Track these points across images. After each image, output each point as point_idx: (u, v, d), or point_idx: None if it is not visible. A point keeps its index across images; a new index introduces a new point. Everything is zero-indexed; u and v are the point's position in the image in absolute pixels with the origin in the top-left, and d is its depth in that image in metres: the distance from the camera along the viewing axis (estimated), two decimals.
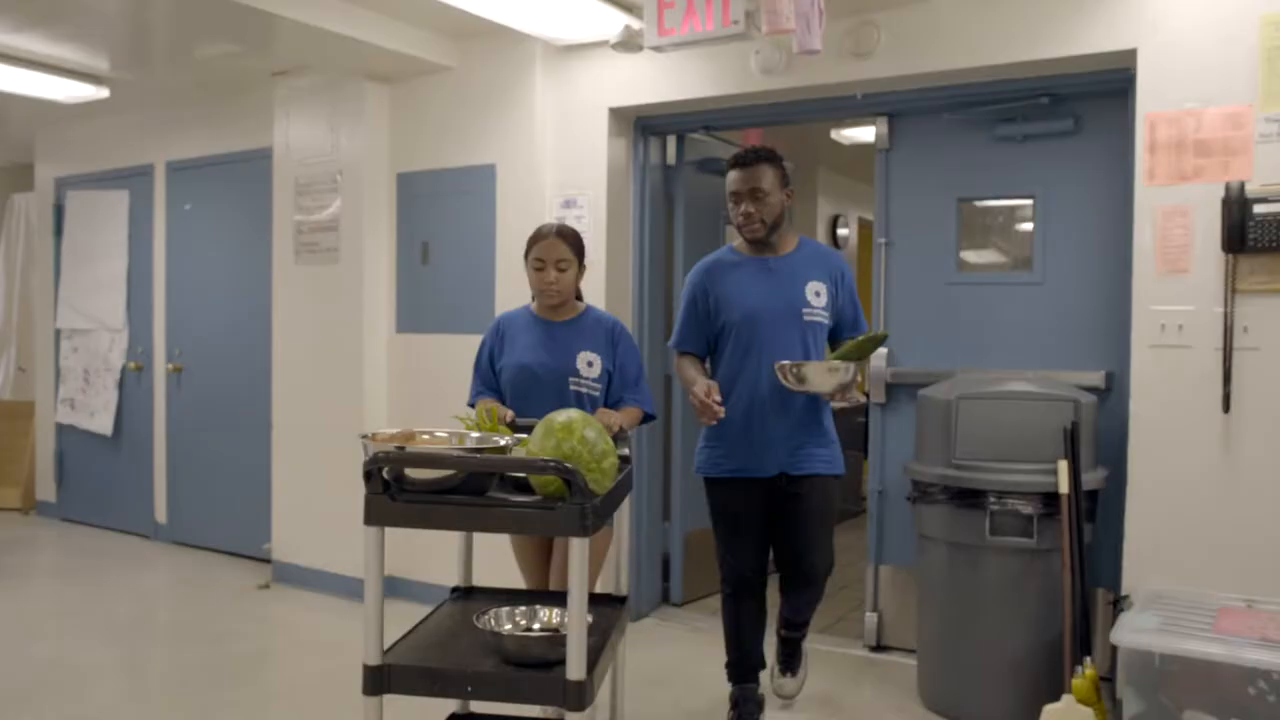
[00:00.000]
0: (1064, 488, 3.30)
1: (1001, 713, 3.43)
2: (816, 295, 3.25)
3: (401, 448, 2.18)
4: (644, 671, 3.93)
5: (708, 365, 3.41)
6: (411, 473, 2.09)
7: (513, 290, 4.41)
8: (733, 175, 3.25)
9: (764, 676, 3.52)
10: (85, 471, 6.78)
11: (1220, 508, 3.30)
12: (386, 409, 4.98)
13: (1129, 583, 3.43)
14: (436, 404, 4.52)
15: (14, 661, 4.17)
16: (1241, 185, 3.18)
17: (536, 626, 2.38)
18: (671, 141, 4.76)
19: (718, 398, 3.08)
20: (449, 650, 2.27)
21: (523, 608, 2.41)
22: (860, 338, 3.16)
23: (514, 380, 3.25)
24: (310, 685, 3.91)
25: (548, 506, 2.05)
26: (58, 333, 6.91)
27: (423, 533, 2.25)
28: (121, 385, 6.50)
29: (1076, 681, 3.19)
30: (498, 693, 2.12)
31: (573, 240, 3.27)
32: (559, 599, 2.44)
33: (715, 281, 3.32)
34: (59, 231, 6.91)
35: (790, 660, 3.62)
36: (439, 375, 4.74)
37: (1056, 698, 3.18)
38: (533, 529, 2.21)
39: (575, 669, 2.00)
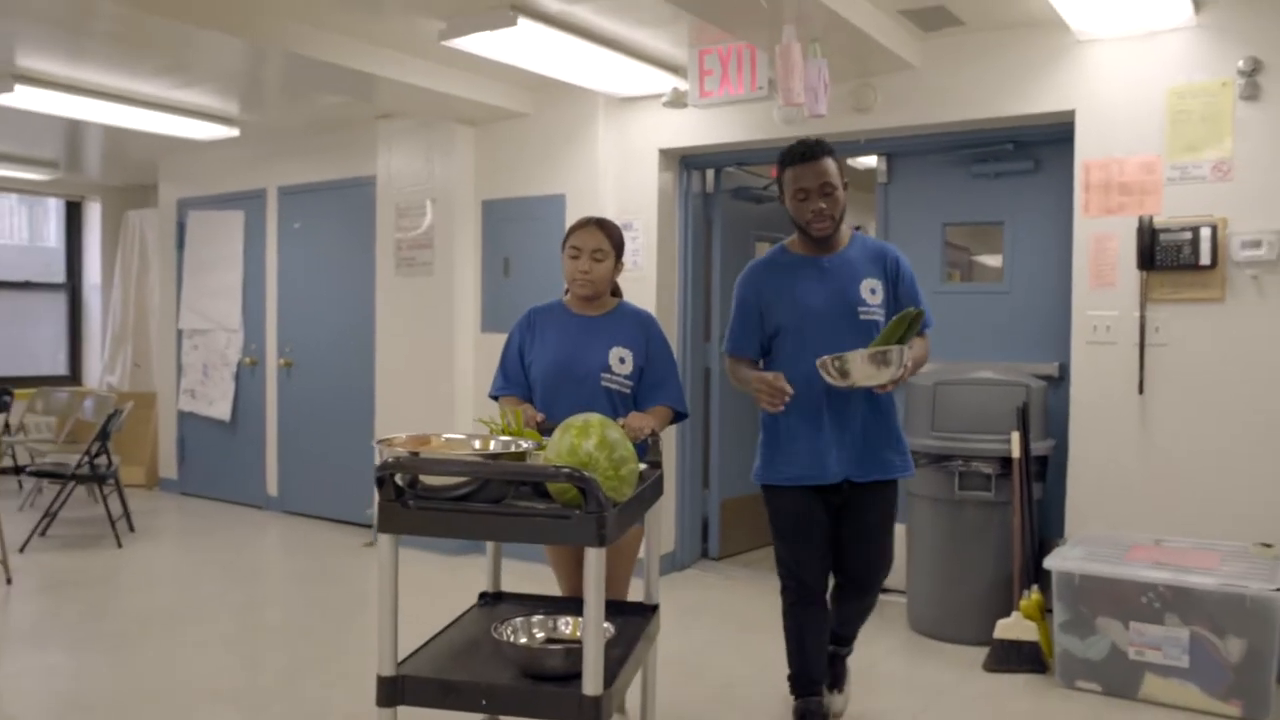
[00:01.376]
0: (1015, 453, 4.23)
1: (970, 630, 4.37)
2: (872, 293, 3.13)
3: (415, 453, 2.09)
4: (685, 607, 4.95)
5: (761, 366, 3.29)
6: (427, 479, 2.03)
7: None
8: (796, 171, 3.07)
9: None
10: (204, 451, 7.88)
11: (1138, 467, 4.22)
12: (474, 395, 5.99)
13: (1070, 530, 4.37)
14: None
15: (148, 598, 5.24)
16: (1151, 218, 4.10)
17: (558, 637, 2.28)
18: (710, 174, 5.76)
19: (785, 385, 2.98)
20: (467, 661, 2.19)
21: (545, 617, 2.32)
22: (893, 320, 2.97)
23: (544, 375, 3.17)
24: (410, 617, 4.92)
25: (563, 515, 1.97)
26: (180, 333, 8.01)
27: None
28: (238, 378, 7.59)
29: (1024, 603, 4.14)
30: (513, 707, 2.04)
31: (611, 232, 3.18)
32: None
33: (767, 283, 3.21)
34: (181, 245, 8.01)
35: (838, 678, 3.51)
36: None
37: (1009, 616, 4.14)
38: (548, 538, 2.08)
39: (591, 684, 1.92)
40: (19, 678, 4.01)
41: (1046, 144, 4.68)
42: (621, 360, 3.12)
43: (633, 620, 2.42)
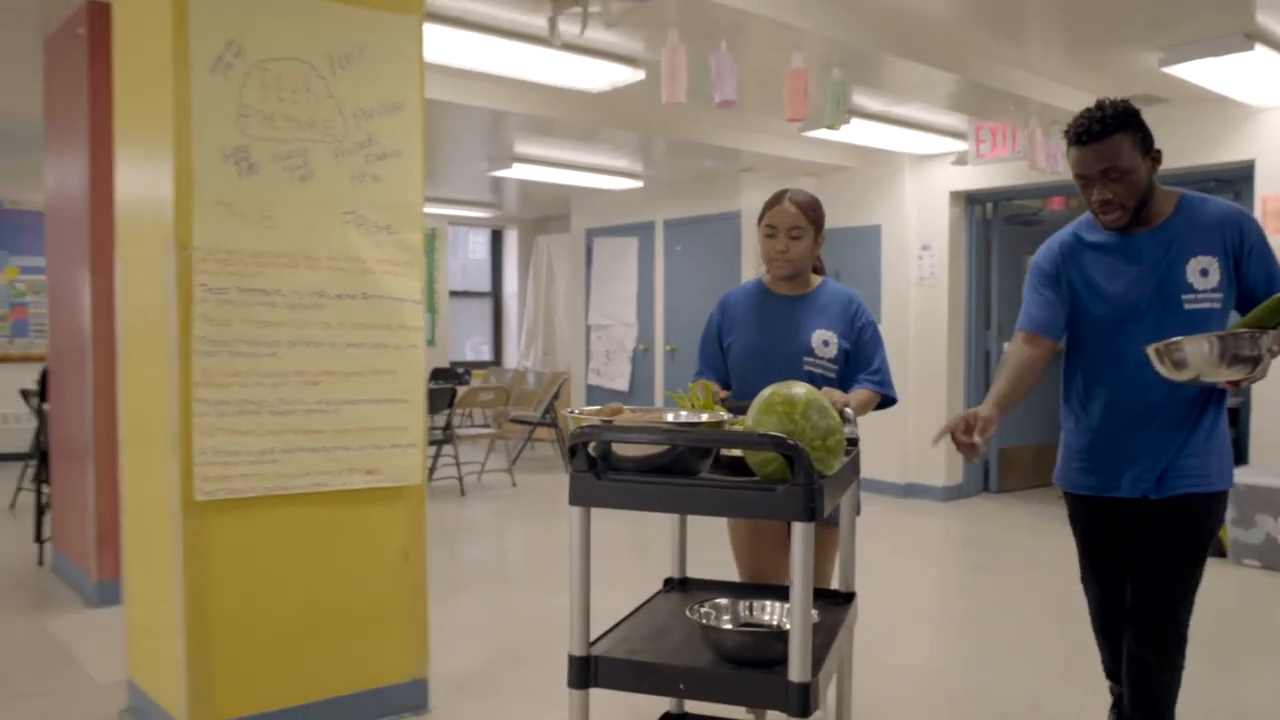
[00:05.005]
0: None
1: None
2: (1203, 274, 2.51)
3: (609, 422, 1.95)
4: (969, 516, 7.06)
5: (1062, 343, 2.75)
6: (620, 450, 1.90)
7: (895, 299, 7.65)
8: (1075, 155, 2.53)
9: None
10: None
11: None
12: None
13: (1252, 460, 6.07)
14: None
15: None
16: None
17: (753, 622, 2.15)
18: (989, 206, 7.78)
19: (977, 440, 2.44)
20: (661, 644, 2.07)
21: (742, 601, 2.19)
22: (1266, 302, 2.37)
23: (742, 359, 2.98)
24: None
25: (768, 488, 1.82)
26: (588, 328, 10.87)
27: None
28: (633, 360, 10.33)
29: None
30: (713, 692, 1.92)
31: (809, 207, 2.96)
32: (783, 593, 2.16)
33: (1070, 262, 2.68)
34: (589, 263, 10.88)
35: None
36: None
37: None
38: (751, 512, 1.96)
39: (798, 670, 1.78)
40: (546, 532, 6.77)
41: (1239, 180, 6.37)
42: (825, 343, 2.92)
43: (831, 608, 2.28)
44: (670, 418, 2.08)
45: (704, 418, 2.05)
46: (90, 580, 4.73)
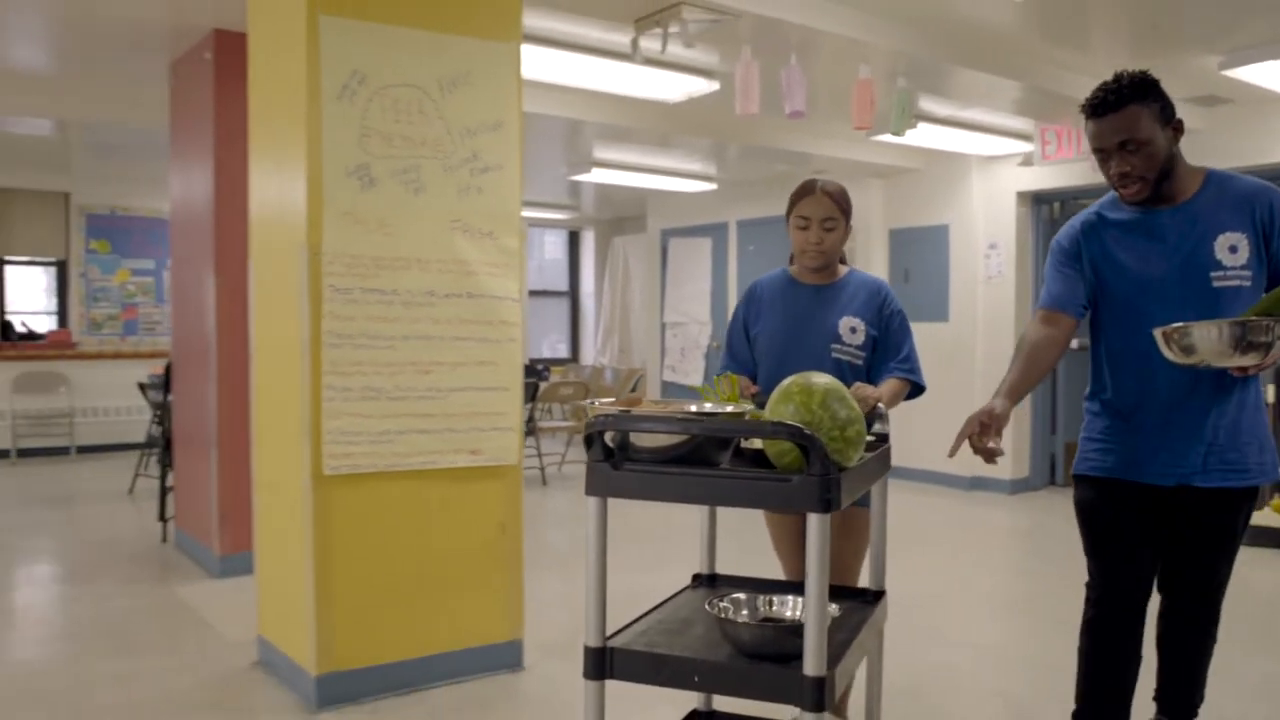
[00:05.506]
0: (1270, 399, 6.14)
1: None
2: (1232, 251, 2.44)
3: (626, 412, 1.94)
4: (1035, 507, 7.25)
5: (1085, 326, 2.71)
6: (637, 440, 1.88)
7: (963, 297, 7.84)
8: (1092, 128, 2.49)
9: None
10: None
11: None
12: None
13: None
14: None
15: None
16: None
17: (774, 617, 2.13)
18: (1055, 206, 7.93)
19: (992, 444, 2.40)
20: (680, 638, 2.05)
21: (763, 596, 2.18)
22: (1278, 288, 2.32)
23: (770, 347, 3.00)
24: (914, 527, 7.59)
25: (783, 478, 1.79)
26: (663, 325, 11.21)
27: None
28: (706, 357, 10.64)
29: (1272, 502, 6.06)
30: (728, 685, 1.90)
31: (840, 197, 2.96)
32: None
33: (1091, 240, 2.63)
34: (664, 263, 11.21)
35: None
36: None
37: None
38: (765, 502, 1.87)
39: (813, 664, 1.76)
40: (621, 518, 7.11)
41: None
42: (853, 330, 2.94)
43: (858, 605, 2.26)
44: (693, 409, 2.02)
45: (727, 409, 2.01)
46: (213, 554, 5.19)
